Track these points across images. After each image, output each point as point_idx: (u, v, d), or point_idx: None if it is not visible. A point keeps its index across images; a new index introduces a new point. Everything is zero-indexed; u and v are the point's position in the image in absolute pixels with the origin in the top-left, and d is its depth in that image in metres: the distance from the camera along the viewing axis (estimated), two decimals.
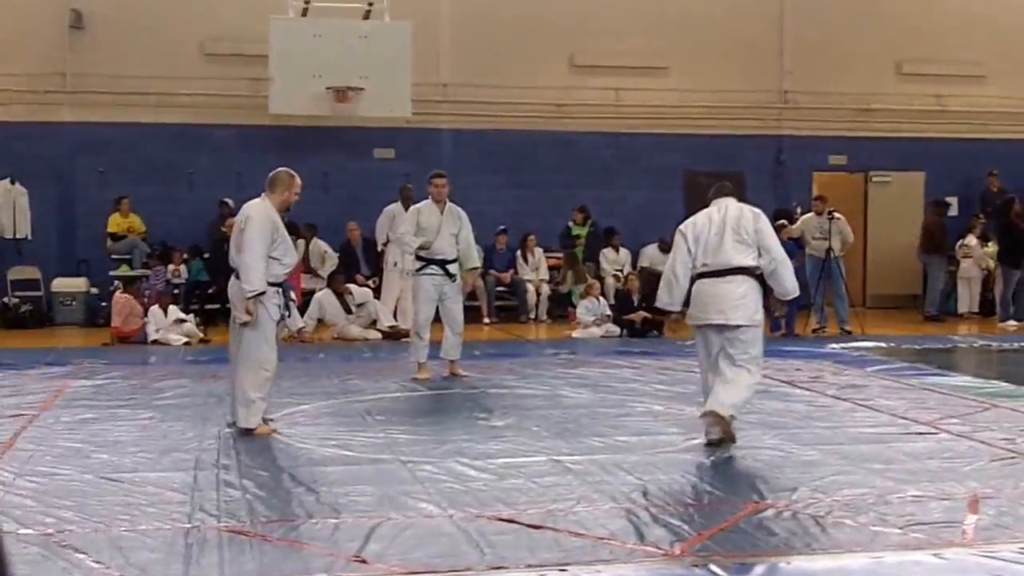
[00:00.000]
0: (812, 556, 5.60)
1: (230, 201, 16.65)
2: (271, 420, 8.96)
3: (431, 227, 11.65)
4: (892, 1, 21.22)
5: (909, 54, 21.25)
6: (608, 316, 16.48)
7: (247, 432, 8.62)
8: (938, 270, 18.86)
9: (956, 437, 8.52)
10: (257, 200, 8.85)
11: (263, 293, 8.60)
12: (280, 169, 9.05)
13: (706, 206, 8.66)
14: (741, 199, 8.80)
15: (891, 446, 8.18)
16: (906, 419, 9.28)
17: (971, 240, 19.54)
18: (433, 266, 11.69)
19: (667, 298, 8.61)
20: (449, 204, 11.80)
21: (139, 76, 18.32)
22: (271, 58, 17.32)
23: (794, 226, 16.71)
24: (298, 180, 8.97)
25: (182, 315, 15.65)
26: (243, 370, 8.69)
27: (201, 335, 15.39)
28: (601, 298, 16.83)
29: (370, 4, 17.67)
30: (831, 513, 6.32)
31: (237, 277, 8.72)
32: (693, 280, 8.39)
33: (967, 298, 19.40)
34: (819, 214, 16.61)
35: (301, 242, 17.51)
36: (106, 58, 18.44)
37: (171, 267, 17.61)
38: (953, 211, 21.15)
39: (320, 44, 17.34)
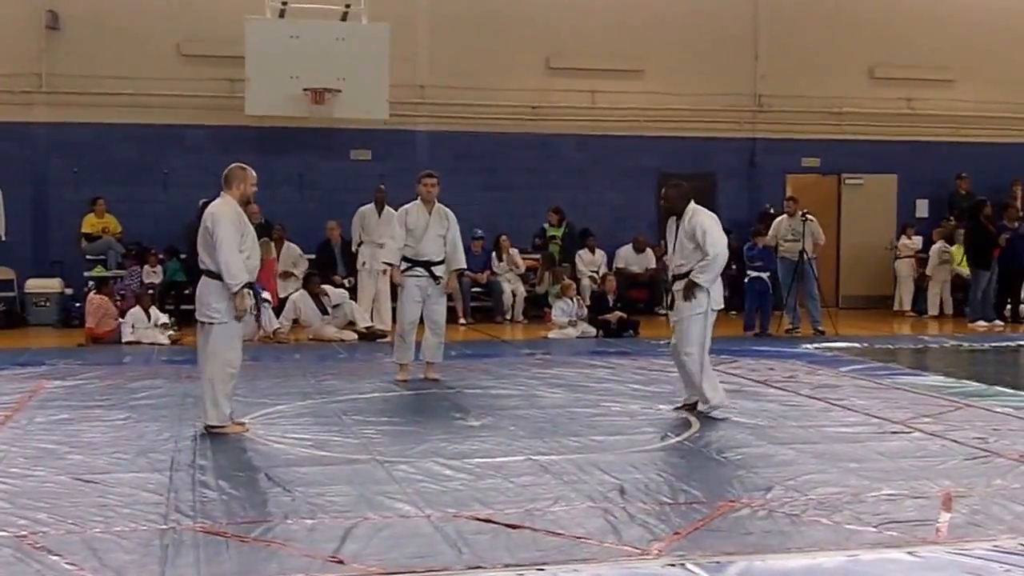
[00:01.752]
0: (787, 555, 5.62)
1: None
2: (243, 421, 8.98)
3: (418, 228, 11.47)
4: (864, 6, 21.38)
5: (880, 58, 21.42)
6: (583, 317, 16.52)
7: (214, 430, 8.65)
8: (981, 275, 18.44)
9: (929, 436, 8.58)
10: (218, 199, 8.85)
11: (250, 284, 8.67)
12: (232, 165, 9.07)
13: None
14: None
15: (865, 445, 8.24)
16: (879, 418, 9.35)
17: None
18: (418, 268, 11.51)
19: None
20: (438, 205, 11.60)
21: (115, 77, 18.30)
22: (247, 59, 17.28)
23: (768, 235, 16.77)
24: (252, 172, 8.98)
25: (165, 319, 15.64)
26: (209, 368, 8.72)
27: (176, 335, 15.39)
28: (576, 298, 16.87)
29: (347, 6, 17.67)
30: (806, 512, 6.36)
31: (210, 276, 8.71)
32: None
33: (937, 300, 19.67)
34: (791, 215, 16.67)
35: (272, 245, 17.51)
36: (82, 59, 18.40)
37: (146, 267, 17.57)
38: (923, 213, 21.40)
39: (297, 45, 17.34)
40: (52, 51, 18.53)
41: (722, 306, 9.73)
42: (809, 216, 16.50)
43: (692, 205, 9.66)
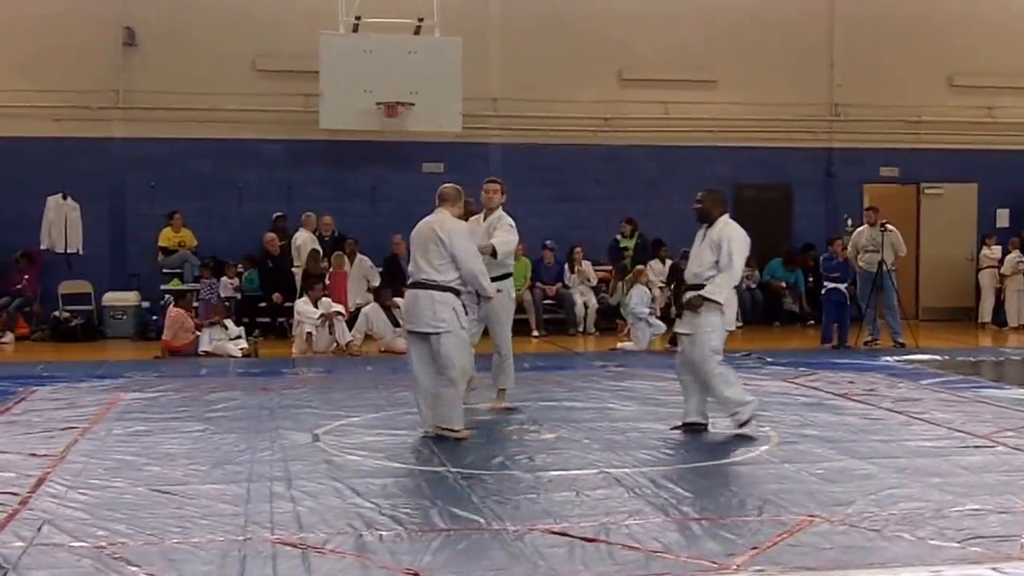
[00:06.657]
0: (869, 570, 5.52)
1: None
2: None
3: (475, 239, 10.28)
4: (942, 14, 21.11)
5: (959, 66, 21.13)
6: (655, 314, 16.41)
7: (454, 434, 8.88)
8: None
9: (1013, 450, 8.40)
10: (437, 215, 9.51)
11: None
12: (448, 185, 9.79)
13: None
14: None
15: (947, 459, 8.07)
16: (962, 432, 9.17)
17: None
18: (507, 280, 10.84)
19: None
20: (499, 212, 10.96)
21: (191, 92, 18.51)
22: (322, 74, 17.39)
23: (849, 247, 16.60)
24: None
25: (239, 332, 15.78)
26: (450, 376, 8.90)
27: (251, 347, 15.50)
28: (649, 287, 16.75)
29: (420, 20, 17.71)
30: (888, 527, 6.23)
31: (431, 288, 8.92)
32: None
33: (1015, 310, 19.38)
34: (872, 225, 16.45)
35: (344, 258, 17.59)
36: (158, 75, 18.64)
37: (225, 280, 17.72)
38: (1004, 223, 21.05)
39: (370, 60, 17.40)
40: (129, 68, 18.79)
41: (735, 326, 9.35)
42: (889, 227, 16.26)
43: (725, 217, 9.54)
